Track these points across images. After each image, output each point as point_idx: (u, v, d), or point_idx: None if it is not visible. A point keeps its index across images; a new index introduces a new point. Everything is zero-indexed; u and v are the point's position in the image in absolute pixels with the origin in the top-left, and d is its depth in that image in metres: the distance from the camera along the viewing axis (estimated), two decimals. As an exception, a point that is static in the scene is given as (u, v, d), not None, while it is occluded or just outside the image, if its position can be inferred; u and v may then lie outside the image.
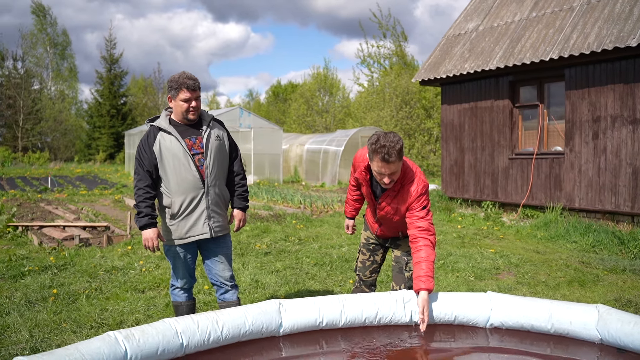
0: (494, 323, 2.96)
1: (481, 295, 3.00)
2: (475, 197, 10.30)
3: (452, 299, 2.99)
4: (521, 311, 2.90)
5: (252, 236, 7.79)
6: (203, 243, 3.40)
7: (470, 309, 2.96)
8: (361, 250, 3.59)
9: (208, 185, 3.30)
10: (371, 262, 3.52)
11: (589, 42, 8.03)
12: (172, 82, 3.27)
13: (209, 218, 3.28)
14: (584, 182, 8.45)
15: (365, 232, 3.56)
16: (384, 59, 32.04)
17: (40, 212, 10.00)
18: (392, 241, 3.43)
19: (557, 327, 2.82)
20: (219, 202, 3.36)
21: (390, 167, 2.88)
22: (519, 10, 10.20)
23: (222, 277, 3.40)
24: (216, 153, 3.35)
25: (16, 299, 4.62)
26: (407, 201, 3.08)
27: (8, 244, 7.17)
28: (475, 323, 2.98)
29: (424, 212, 3.07)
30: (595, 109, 8.28)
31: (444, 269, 6.16)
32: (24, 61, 39.34)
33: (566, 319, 2.79)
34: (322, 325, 2.85)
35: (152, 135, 3.27)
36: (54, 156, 35.51)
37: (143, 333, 2.31)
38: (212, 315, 2.57)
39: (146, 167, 3.23)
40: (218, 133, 3.41)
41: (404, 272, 3.30)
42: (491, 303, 2.96)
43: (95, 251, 6.52)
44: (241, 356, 2.59)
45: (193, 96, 3.24)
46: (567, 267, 6.28)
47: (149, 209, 3.21)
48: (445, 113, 10.92)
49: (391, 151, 2.83)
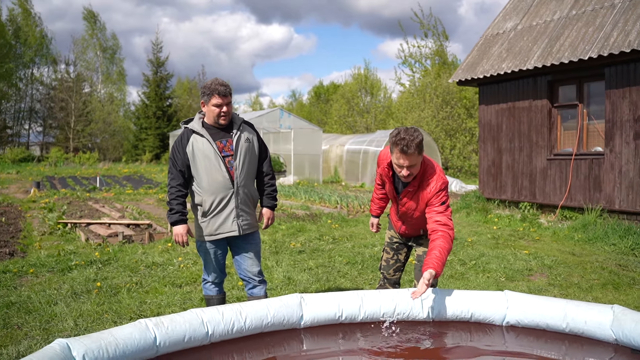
0: (510, 321, 3.03)
1: (498, 294, 3.07)
2: (513, 198, 10.18)
3: (469, 296, 3.07)
4: (537, 310, 2.95)
5: (288, 235, 7.99)
6: (232, 240, 3.59)
7: (486, 307, 3.04)
8: (385, 249, 3.71)
9: (237, 186, 3.48)
10: (395, 261, 3.64)
11: (630, 40, 7.85)
12: (204, 88, 3.47)
13: (237, 217, 3.47)
14: (625, 183, 8.26)
15: (390, 232, 3.68)
16: (425, 59, 31.81)
17: (88, 210, 10.52)
18: (415, 240, 3.53)
19: (572, 326, 2.86)
20: (247, 201, 3.55)
21: (409, 159, 3.00)
22: (558, 8, 10.02)
23: (251, 273, 3.58)
24: (245, 155, 3.53)
25: (63, 291, 4.94)
26: (427, 197, 3.18)
27: (58, 240, 7.61)
28: (491, 321, 3.05)
29: (443, 207, 3.16)
30: (636, 108, 8.07)
31: (475, 269, 6.17)
32: (76, 65, 41.03)
33: (581, 318, 2.82)
34: (341, 319, 2.98)
35: (185, 137, 3.48)
36: (103, 156, 36.88)
37: (171, 321, 2.50)
38: (236, 307, 2.75)
39: (179, 166, 3.44)
40: (248, 136, 3.59)
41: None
42: (507, 301, 3.02)
43: (137, 248, 6.86)
44: (263, 346, 2.75)
45: (224, 102, 3.43)
46: (602, 270, 6.18)
47: (180, 207, 3.43)
48: (482, 113, 10.84)
49: (410, 143, 2.96)
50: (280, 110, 20.01)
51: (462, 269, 6.17)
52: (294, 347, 2.83)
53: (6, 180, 19.48)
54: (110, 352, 2.24)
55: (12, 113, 40.42)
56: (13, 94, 39.28)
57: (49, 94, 39.59)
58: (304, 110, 46.15)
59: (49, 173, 23.78)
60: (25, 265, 5.89)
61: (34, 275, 5.61)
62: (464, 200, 11.01)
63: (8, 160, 31.50)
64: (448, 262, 6.44)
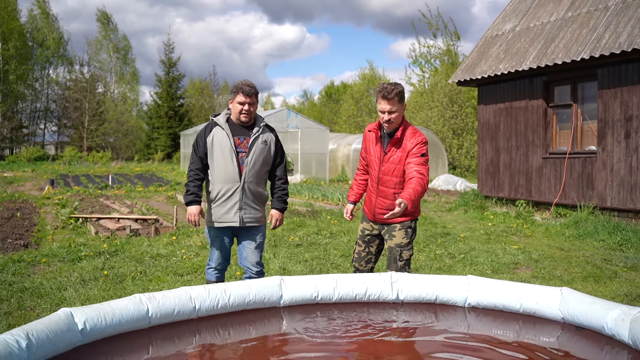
0: (471, 303, 3.33)
1: (461, 278, 3.37)
2: (510, 196, 10.43)
3: (434, 280, 3.38)
4: (495, 292, 3.25)
5: (287, 230, 8.33)
6: (238, 231, 3.91)
7: (450, 290, 3.34)
8: (357, 242, 3.98)
9: (244, 181, 3.79)
10: (366, 253, 3.91)
11: (620, 42, 8.07)
12: (233, 87, 3.85)
13: (240, 209, 3.79)
14: (616, 182, 8.48)
15: (362, 224, 3.94)
16: (434, 59, 32.00)
17: (99, 206, 10.95)
18: (388, 231, 3.77)
19: (525, 307, 3.16)
20: (252, 197, 3.84)
21: (390, 103, 3.47)
22: (555, 10, 10.25)
23: (249, 262, 3.90)
24: (258, 155, 3.83)
25: (73, 278, 5.32)
26: (409, 148, 3.56)
27: (70, 234, 8.02)
28: (455, 302, 3.36)
29: (423, 159, 3.55)
30: (627, 108, 8.29)
31: (463, 262, 6.45)
32: (90, 66, 41.79)
33: (533, 299, 3.12)
34: (317, 299, 3.31)
35: (209, 128, 3.87)
36: (116, 155, 37.54)
37: (163, 296, 2.85)
38: (221, 286, 3.08)
39: (199, 153, 3.83)
40: (266, 138, 3.89)
41: (397, 262, 3.70)
42: (469, 285, 3.33)
43: (144, 240, 7.24)
44: (245, 321, 3.09)
45: (247, 101, 3.77)
46: (586, 264, 6.43)
47: (196, 189, 3.81)
48: (481, 113, 11.09)
49: (391, 91, 3.45)
50: (288, 110, 20.37)
51: (451, 262, 6.46)
52: (274, 323, 3.16)
53: (22, 178, 20.05)
54: (107, 320, 2.59)
55: (28, 113, 41.28)
56: (29, 94, 40.13)
57: (64, 94, 40.36)
58: (315, 110, 46.51)
59: (63, 171, 24.38)
60: (38, 256, 6.29)
61: (46, 264, 6.00)
62: (463, 198, 11.27)
63: (24, 159, 32.25)
64: (437, 256, 6.73)
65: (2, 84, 36.06)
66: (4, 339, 2.11)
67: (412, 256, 3.98)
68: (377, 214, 3.77)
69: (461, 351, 2.82)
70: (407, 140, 3.59)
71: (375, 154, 3.73)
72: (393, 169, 3.63)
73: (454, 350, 2.82)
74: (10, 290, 4.91)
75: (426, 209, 11.31)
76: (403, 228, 3.70)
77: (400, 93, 3.47)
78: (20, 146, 38.71)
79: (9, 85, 36.68)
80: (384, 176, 3.67)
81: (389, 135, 3.66)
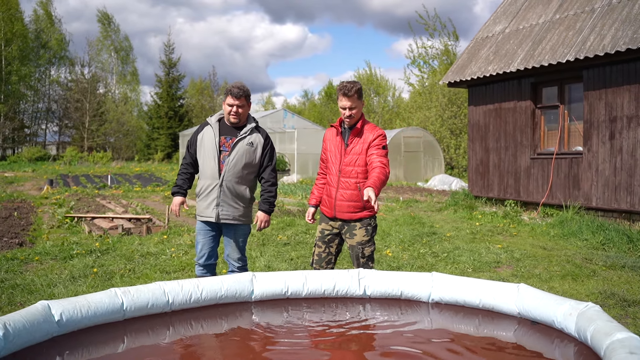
0: (434, 299, 3.49)
1: (425, 275, 3.52)
2: (499, 196, 10.58)
3: (399, 277, 3.54)
4: (456, 289, 3.40)
5: (277, 229, 8.49)
6: (224, 227, 4.08)
7: (414, 286, 3.50)
8: (317, 244, 4.05)
9: (222, 179, 3.95)
10: (327, 254, 4.01)
11: (604, 44, 8.21)
12: (225, 89, 4.04)
13: (217, 205, 3.96)
14: (601, 182, 8.62)
15: (321, 225, 4.03)
16: (432, 59, 32.10)
17: (95, 205, 11.13)
18: (348, 230, 3.89)
19: (484, 302, 3.31)
20: (231, 195, 3.97)
21: (350, 100, 3.74)
22: (544, 12, 10.40)
23: (231, 258, 4.09)
24: (241, 156, 3.97)
25: (63, 276, 5.50)
26: (369, 140, 3.81)
27: (64, 232, 8.21)
28: (419, 298, 3.51)
29: (384, 151, 3.81)
30: (611, 109, 8.44)
31: (446, 261, 6.61)
32: (90, 67, 42.02)
33: (491, 295, 3.27)
34: (287, 294, 3.46)
35: (201, 127, 4.11)
36: (116, 155, 37.81)
37: (137, 290, 3.01)
38: (194, 281, 3.24)
39: (191, 150, 4.08)
40: (253, 140, 4.02)
41: (359, 259, 3.87)
42: (433, 281, 3.48)
43: (135, 239, 7.42)
44: (217, 315, 3.25)
45: (236, 103, 3.94)
46: (567, 263, 6.57)
47: (182, 182, 4.08)
48: (471, 114, 11.24)
49: (351, 88, 3.73)
50: (284, 111, 20.56)
51: (433, 260, 6.62)
52: (245, 317, 3.32)
53: (22, 178, 20.27)
54: (83, 312, 2.76)
55: (30, 113, 41.56)
56: (31, 95, 40.41)
57: (65, 94, 40.63)
58: (315, 110, 46.63)
59: (63, 171, 24.60)
60: (31, 254, 6.47)
61: (39, 262, 6.18)
62: (453, 197, 11.43)
63: (25, 159, 32.51)
64: (420, 254, 6.89)
65: (4, 85, 36.33)
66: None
67: (375, 251, 4.13)
68: (337, 207, 3.87)
69: (422, 345, 2.97)
70: (368, 133, 3.84)
71: (336, 148, 3.92)
72: (355, 160, 3.83)
73: (415, 344, 2.98)
74: (1, 286, 5.09)
75: (417, 208, 11.46)
76: (363, 226, 3.85)
77: (358, 90, 3.75)
78: (21, 146, 38.99)
79: (11, 85, 36.95)
80: (346, 167, 3.85)
81: (349, 129, 3.90)
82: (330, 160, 3.96)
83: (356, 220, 3.87)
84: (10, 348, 2.44)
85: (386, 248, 7.23)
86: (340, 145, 3.90)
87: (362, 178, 3.82)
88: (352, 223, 3.88)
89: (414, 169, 21.52)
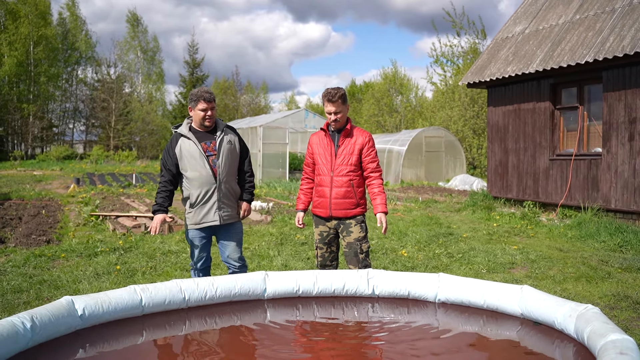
0: (441, 299, 3.59)
1: (432, 276, 3.63)
2: (518, 197, 10.56)
3: (407, 277, 3.65)
4: (462, 289, 3.50)
5: (296, 229, 8.64)
6: (217, 229, 4.20)
7: (422, 286, 3.61)
8: (318, 246, 4.21)
9: (220, 181, 4.10)
10: (329, 253, 4.19)
11: (624, 45, 8.16)
12: (192, 96, 4.11)
13: (219, 208, 4.10)
14: (620, 183, 8.57)
15: (317, 229, 4.20)
16: (457, 58, 31.88)
17: (119, 204, 11.45)
18: (344, 228, 4.08)
19: (488, 303, 3.40)
20: (228, 195, 4.16)
21: (334, 105, 3.97)
22: (564, 12, 10.34)
23: (232, 258, 4.21)
24: (227, 155, 4.15)
25: (88, 272, 5.74)
26: (360, 142, 4.08)
27: (90, 230, 8.50)
28: (426, 298, 3.62)
29: (377, 158, 4.15)
30: (631, 110, 8.38)
31: (460, 262, 6.67)
32: (117, 67, 42.85)
33: (495, 296, 3.37)
34: (298, 293, 3.61)
35: (174, 140, 4.14)
36: (141, 154, 38.49)
37: (155, 288, 3.19)
38: (209, 279, 3.41)
39: (168, 166, 4.09)
40: (230, 138, 4.21)
41: (358, 255, 4.02)
42: (439, 282, 3.59)
43: (157, 237, 7.65)
44: (231, 312, 3.41)
45: (209, 106, 4.06)
46: (582, 265, 6.57)
47: (162, 200, 4.08)
48: (491, 115, 11.23)
49: (335, 94, 3.96)
50: (306, 111, 20.72)
51: (448, 261, 6.69)
52: (258, 314, 3.48)
53: (50, 177, 20.86)
54: (104, 307, 2.94)
55: (58, 113, 42.59)
56: (59, 95, 41.41)
57: (92, 94, 41.53)
58: (337, 109, 46.59)
59: (89, 170, 25.20)
60: (58, 251, 6.74)
61: (65, 259, 6.45)
62: (472, 198, 11.44)
63: (53, 158, 33.35)
64: (436, 255, 6.96)
65: (34, 85, 37.30)
66: (11, 320, 2.48)
67: (370, 248, 4.31)
68: (333, 205, 4.06)
69: (428, 343, 3.08)
70: (357, 134, 4.12)
71: (326, 150, 4.13)
72: (348, 159, 4.06)
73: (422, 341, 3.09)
74: (30, 282, 5.34)
75: (435, 209, 11.50)
76: (358, 223, 4.07)
77: (342, 96, 3.99)
78: (50, 145, 39.97)
79: (40, 86, 37.91)
80: (338, 167, 4.07)
81: (338, 132, 4.13)
82: (320, 162, 4.16)
83: (351, 218, 4.07)
84: (36, 340, 2.63)
85: (402, 248, 7.32)
86: (331, 147, 4.12)
87: (354, 176, 4.07)
88: (347, 221, 4.08)
89: (435, 169, 21.47)
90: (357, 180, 4.09)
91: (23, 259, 6.27)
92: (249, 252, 6.93)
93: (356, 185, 4.07)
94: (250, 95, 46.93)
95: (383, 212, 4.01)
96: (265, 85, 49.94)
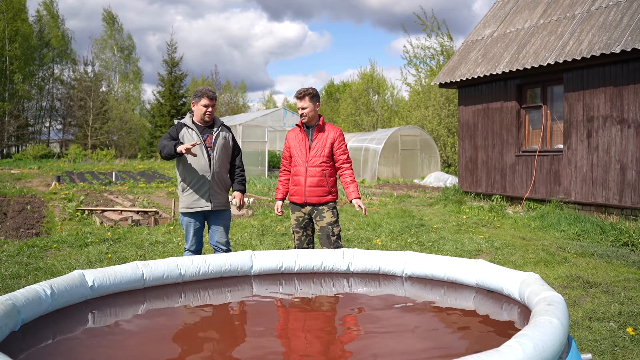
0: (407, 273, 4.07)
1: (400, 253, 4.10)
2: (487, 191, 11.14)
3: (378, 255, 4.11)
4: (426, 264, 3.98)
5: (276, 221, 9.07)
6: (208, 215, 4.64)
7: (391, 262, 4.08)
8: (295, 230, 4.70)
9: (213, 171, 4.55)
10: (305, 236, 4.69)
11: (582, 49, 8.78)
12: (196, 92, 4.58)
13: (211, 195, 4.54)
14: (579, 177, 9.19)
15: (294, 215, 4.68)
16: (429, 59, 32.62)
17: (103, 200, 11.72)
18: (318, 213, 4.57)
19: (448, 275, 3.89)
20: (220, 184, 4.61)
21: (303, 101, 4.50)
22: (529, 17, 10.95)
23: (219, 242, 4.65)
24: (221, 149, 4.61)
25: (81, 260, 6.09)
26: (332, 137, 4.56)
27: (76, 224, 8.79)
28: (394, 273, 4.09)
29: (347, 152, 4.66)
30: (589, 109, 9.00)
31: (430, 249, 7.19)
32: (94, 65, 42.59)
33: (454, 270, 3.85)
34: (281, 270, 4.05)
35: (178, 127, 4.58)
36: (119, 153, 38.37)
37: (155, 264, 3.59)
38: (203, 257, 3.82)
39: (171, 135, 4.47)
40: (225, 135, 4.69)
41: (330, 238, 4.52)
42: (406, 258, 4.06)
43: (144, 229, 8.00)
44: (222, 285, 3.82)
45: (210, 103, 4.54)
46: (542, 251, 7.14)
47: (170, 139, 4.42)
48: (461, 114, 11.80)
49: (301, 91, 4.51)
50: (284, 110, 21.15)
51: (419, 249, 7.20)
52: (246, 288, 3.91)
53: (28, 175, 20.86)
54: (111, 280, 3.34)
55: (34, 111, 42.15)
56: (35, 93, 41.00)
57: (68, 93, 41.22)
58: (315, 109, 47.06)
59: (68, 169, 25.18)
60: (49, 242, 7.05)
61: (57, 249, 6.77)
62: (444, 193, 12.00)
63: (30, 157, 33.11)
64: (408, 243, 7.47)
65: (8, 83, 36.91)
66: (34, 287, 2.86)
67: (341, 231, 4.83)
68: (307, 192, 4.56)
69: (396, 311, 3.55)
70: (329, 130, 4.63)
71: (300, 144, 4.64)
72: (320, 152, 4.56)
73: (390, 309, 3.55)
74: (26, 269, 5.67)
75: (409, 203, 12.03)
76: (330, 209, 4.58)
77: (309, 94, 4.49)
78: (26, 144, 39.59)
79: (15, 84, 37.53)
80: (312, 158, 4.57)
81: (311, 128, 4.63)
82: (296, 154, 4.66)
83: (323, 204, 4.56)
84: (55, 305, 3.02)
85: (376, 238, 7.80)
86: (305, 141, 4.62)
87: (326, 166, 4.57)
88: (320, 207, 4.57)
89: (411, 166, 22.07)
90: (329, 170, 4.58)
91: (16, 250, 6.57)
92: (233, 242, 7.34)
93: (328, 175, 4.56)
94: (229, 95, 47.11)
95: (358, 197, 4.53)
96: (243, 84, 50.20)
